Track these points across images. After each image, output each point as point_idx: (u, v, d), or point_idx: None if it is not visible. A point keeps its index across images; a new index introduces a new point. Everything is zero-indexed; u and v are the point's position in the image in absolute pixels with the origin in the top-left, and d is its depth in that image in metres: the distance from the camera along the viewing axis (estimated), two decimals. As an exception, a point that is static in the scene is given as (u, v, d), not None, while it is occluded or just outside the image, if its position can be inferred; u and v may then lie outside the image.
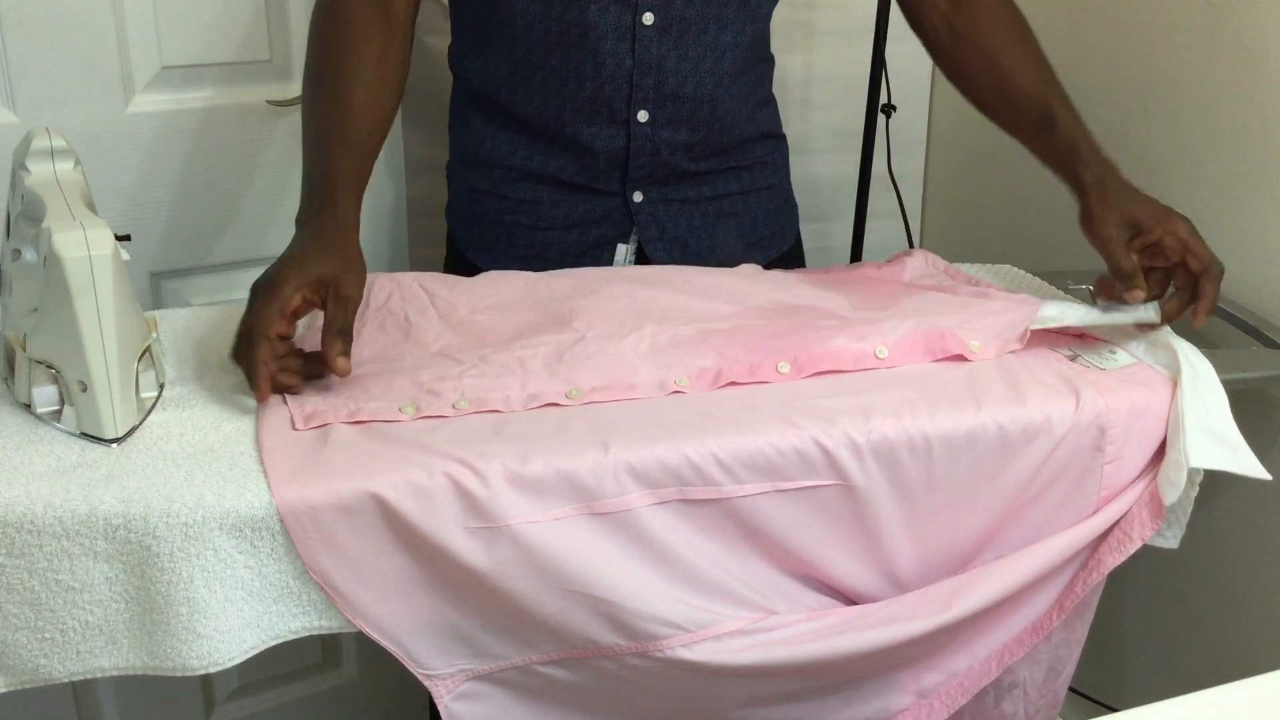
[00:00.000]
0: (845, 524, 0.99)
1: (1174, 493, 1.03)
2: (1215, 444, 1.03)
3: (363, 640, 0.91)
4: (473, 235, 1.36)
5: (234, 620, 0.88)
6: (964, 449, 1.00)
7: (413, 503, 0.87)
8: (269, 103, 1.51)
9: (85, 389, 0.89)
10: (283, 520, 0.86)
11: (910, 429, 0.98)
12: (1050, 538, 1.05)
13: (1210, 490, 1.03)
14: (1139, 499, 1.06)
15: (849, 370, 1.06)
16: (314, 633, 0.91)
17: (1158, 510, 1.04)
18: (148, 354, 0.95)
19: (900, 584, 1.04)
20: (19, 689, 0.88)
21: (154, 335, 0.97)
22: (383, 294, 1.15)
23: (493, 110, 1.30)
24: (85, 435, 0.90)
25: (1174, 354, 1.08)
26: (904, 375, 1.06)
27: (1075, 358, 1.11)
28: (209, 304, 1.16)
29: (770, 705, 1.05)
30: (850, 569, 1.01)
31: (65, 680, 0.88)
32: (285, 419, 0.94)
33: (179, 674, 0.88)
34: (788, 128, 1.43)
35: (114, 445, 0.90)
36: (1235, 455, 1.04)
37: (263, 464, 0.88)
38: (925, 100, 2.02)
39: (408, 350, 1.06)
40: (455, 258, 1.39)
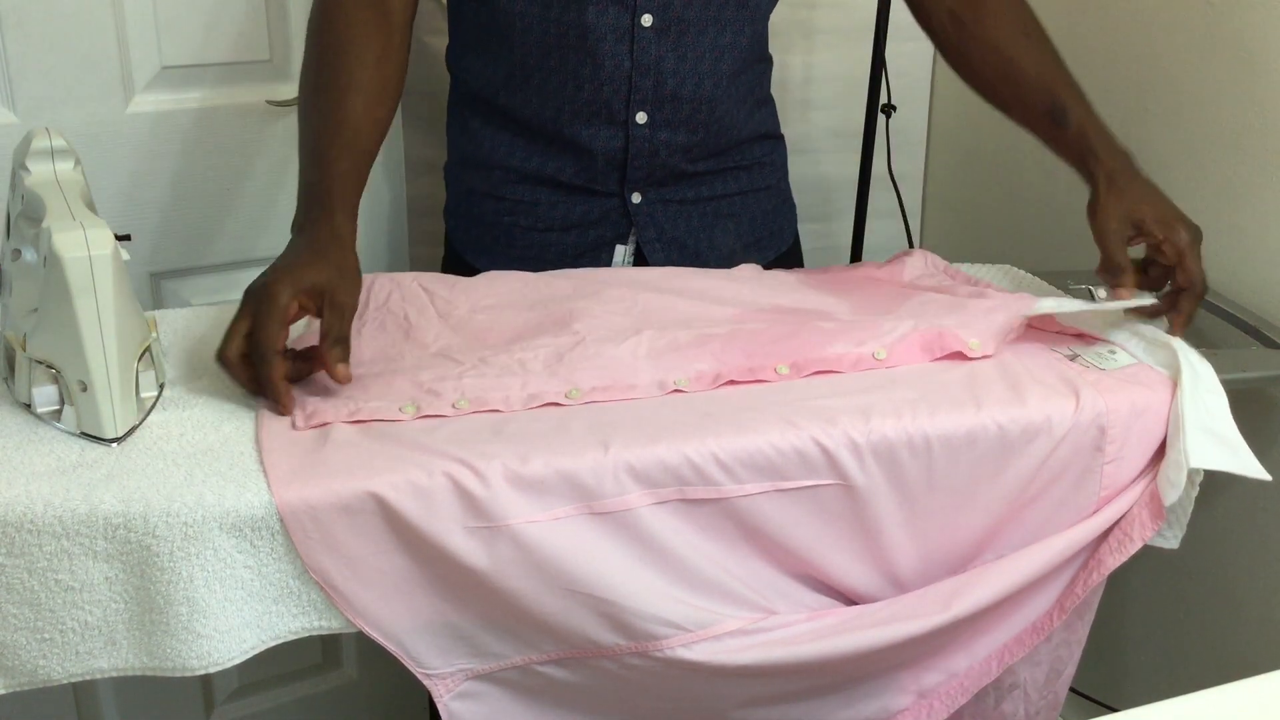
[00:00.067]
0: (845, 524, 0.99)
1: (1174, 493, 1.03)
2: (1215, 444, 1.03)
3: (363, 640, 0.91)
4: (471, 236, 1.36)
5: (234, 620, 0.88)
6: (964, 449, 1.00)
7: (413, 502, 0.87)
8: (269, 103, 1.51)
9: (85, 389, 0.89)
10: (283, 520, 0.86)
11: (910, 429, 0.98)
12: (1050, 538, 1.05)
13: (1210, 490, 1.03)
14: (1139, 499, 1.06)
15: (848, 371, 1.06)
16: (314, 633, 0.91)
17: (1158, 511, 1.04)
18: (148, 354, 0.95)
19: (900, 584, 1.04)
20: (19, 690, 0.87)
21: (154, 335, 0.97)
22: (382, 294, 1.15)
23: (491, 111, 1.29)
24: (85, 435, 0.90)
25: (1174, 354, 1.08)
26: (904, 375, 1.06)
27: (1075, 358, 1.11)
28: (209, 304, 1.16)
29: (770, 705, 1.05)
30: (850, 569, 1.01)
31: (65, 681, 0.88)
32: (285, 419, 0.94)
33: (179, 674, 0.88)
34: (787, 128, 1.43)
35: (114, 445, 0.90)
36: (1235, 455, 1.04)
37: (263, 464, 0.88)
38: (925, 100, 2.02)
39: (407, 350, 1.06)
40: (453, 258, 1.38)
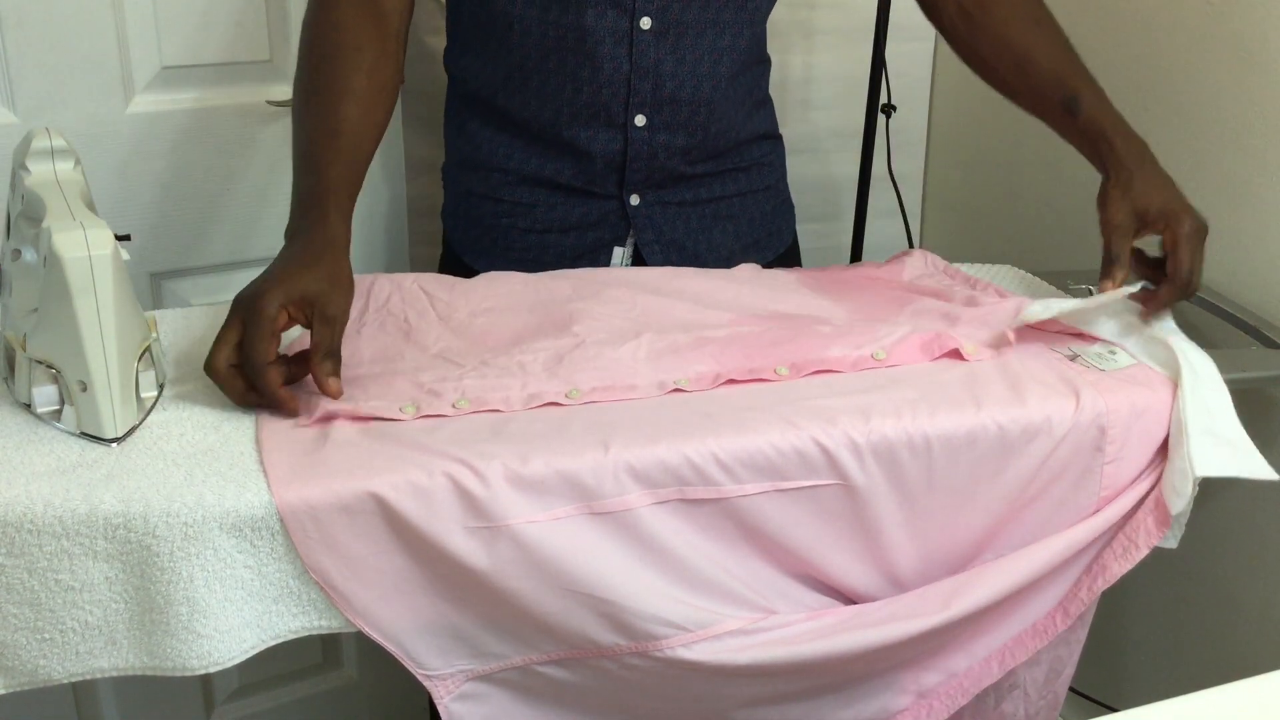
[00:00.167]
0: (845, 524, 0.99)
1: (1180, 502, 1.02)
2: (1219, 448, 1.03)
3: (363, 640, 0.91)
4: (469, 238, 1.36)
5: (234, 620, 0.88)
6: (964, 449, 1.00)
7: (413, 502, 0.87)
8: (269, 103, 1.51)
9: (85, 389, 0.89)
10: (282, 520, 0.86)
11: (910, 429, 0.98)
12: (1050, 538, 1.04)
13: (1210, 490, 1.03)
14: (1144, 506, 1.06)
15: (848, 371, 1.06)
16: (314, 633, 0.91)
17: (1164, 518, 1.04)
18: (148, 354, 0.95)
19: (900, 584, 1.04)
20: (19, 690, 0.87)
21: (154, 335, 0.97)
22: (382, 295, 1.15)
23: (489, 113, 1.29)
24: (85, 435, 0.90)
25: (1173, 353, 1.08)
26: (903, 375, 1.06)
27: (1075, 358, 1.11)
28: (209, 304, 1.16)
29: (770, 705, 1.05)
30: (850, 569, 1.01)
31: (65, 681, 0.88)
32: (285, 419, 0.94)
33: (179, 674, 0.88)
34: (787, 128, 1.43)
35: (114, 445, 0.90)
36: (1240, 459, 1.03)
37: (263, 464, 0.88)
38: (925, 100, 2.02)
39: (407, 351, 1.06)
40: (451, 260, 1.38)
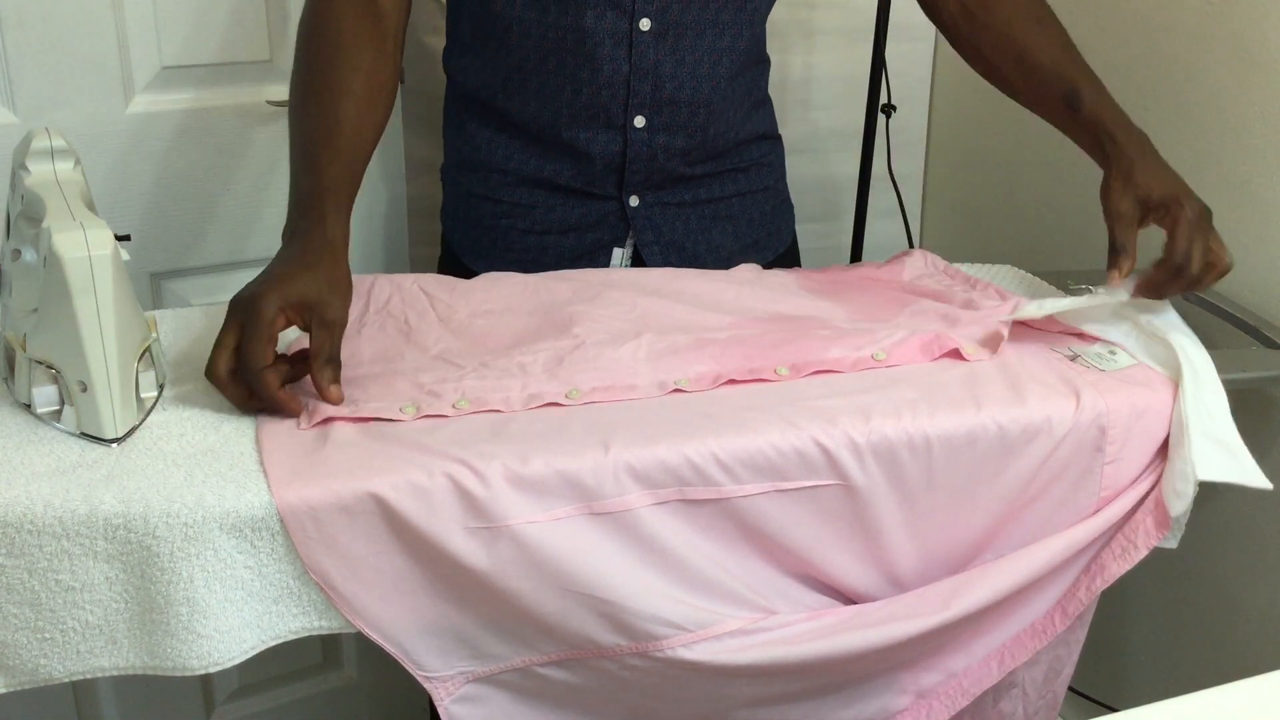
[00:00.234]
0: (845, 524, 0.99)
1: (1180, 504, 1.02)
2: (1220, 453, 1.03)
3: (363, 641, 0.91)
4: (468, 239, 1.35)
5: (234, 620, 0.88)
6: (964, 449, 1.00)
7: (413, 503, 0.87)
8: (269, 103, 1.51)
9: (85, 389, 0.89)
10: (283, 520, 0.86)
11: (910, 429, 0.98)
12: (1050, 538, 1.05)
13: (1210, 490, 1.03)
14: (1143, 507, 1.06)
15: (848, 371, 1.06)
16: (314, 633, 0.91)
17: (1163, 519, 1.04)
18: (148, 354, 0.95)
19: (900, 584, 1.04)
20: (19, 689, 0.87)
21: (154, 335, 0.97)
22: (382, 296, 1.15)
23: (488, 114, 1.29)
24: (85, 435, 0.90)
25: (1174, 353, 1.08)
26: (904, 375, 1.06)
27: (1075, 358, 1.11)
28: (209, 304, 1.15)
29: (770, 706, 1.05)
30: (850, 569, 1.01)
31: (65, 680, 0.88)
32: (286, 419, 0.94)
33: (179, 674, 0.88)
34: (787, 128, 1.43)
35: (114, 445, 0.90)
36: (1239, 465, 1.04)
37: (263, 464, 0.88)
38: (925, 100, 2.02)
39: (407, 352, 1.06)
40: (450, 260, 1.38)
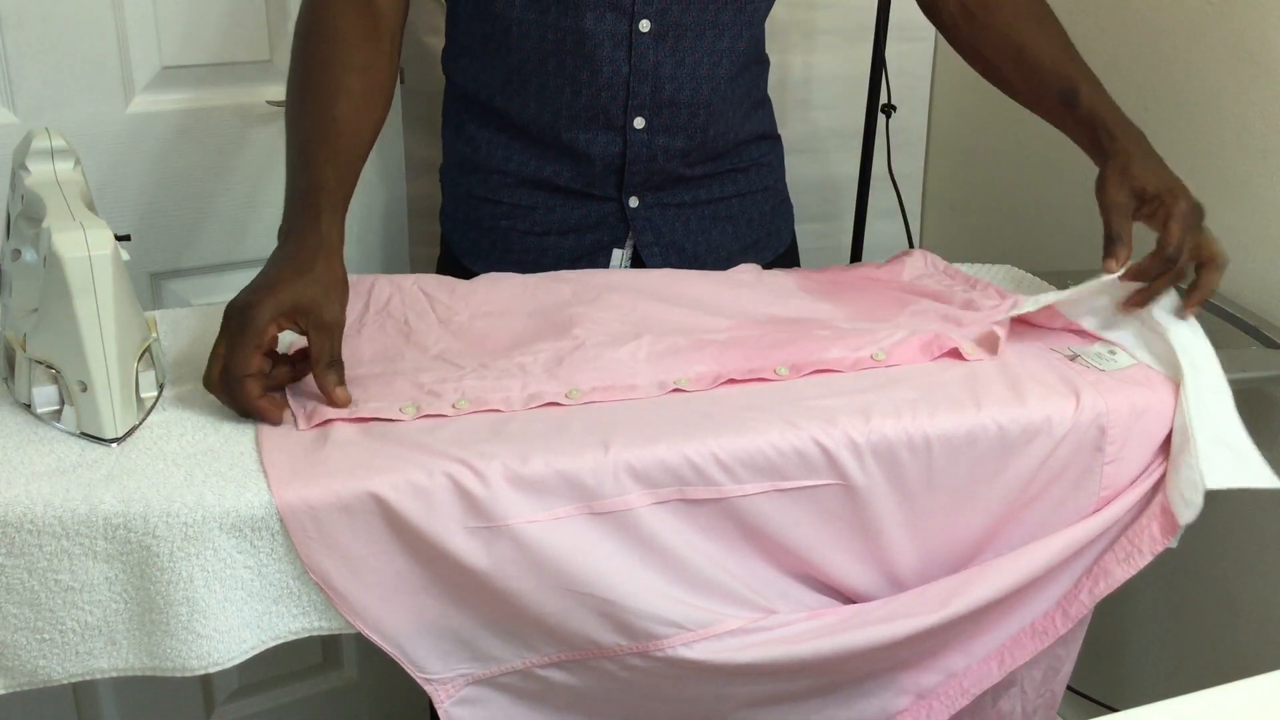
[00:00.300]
0: (845, 524, 0.99)
1: (1190, 512, 1.02)
2: (1227, 457, 1.03)
3: (363, 641, 0.91)
4: (467, 240, 1.35)
5: (234, 620, 0.88)
6: (964, 449, 1.00)
7: (413, 503, 0.87)
8: (269, 103, 1.51)
9: (85, 389, 0.89)
10: (282, 520, 0.86)
11: (910, 429, 0.98)
12: (1049, 537, 1.04)
13: (1210, 491, 1.03)
14: (1148, 512, 1.05)
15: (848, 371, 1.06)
16: (314, 633, 0.91)
17: (1169, 526, 1.04)
18: (148, 354, 0.95)
19: (900, 584, 1.04)
20: (19, 690, 0.87)
21: (154, 335, 0.97)
22: (382, 296, 1.15)
23: (487, 115, 1.29)
24: (85, 435, 0.90)
25: (1174, 353, 1.07)
26: (903, 375, 1.05)
27: (1075, 358, 1.11)
28: (209, 304, 1.15)
29: (770, 706, 1.05)
30: (850, 569, 1.01)
31: (65, 681, 0.88)
32: (286, 419, 0.94)
33: (179, 674, 0.88)
34: (787, 128, 1.43)
35: (114, 445, 0.90)
36: (1248, 469, 1.03)
37: (262, 464, 0.88)
38: (925, 100, 2.02)
39: (407, 352, 1.06)
40: (449, 261, 1.38)
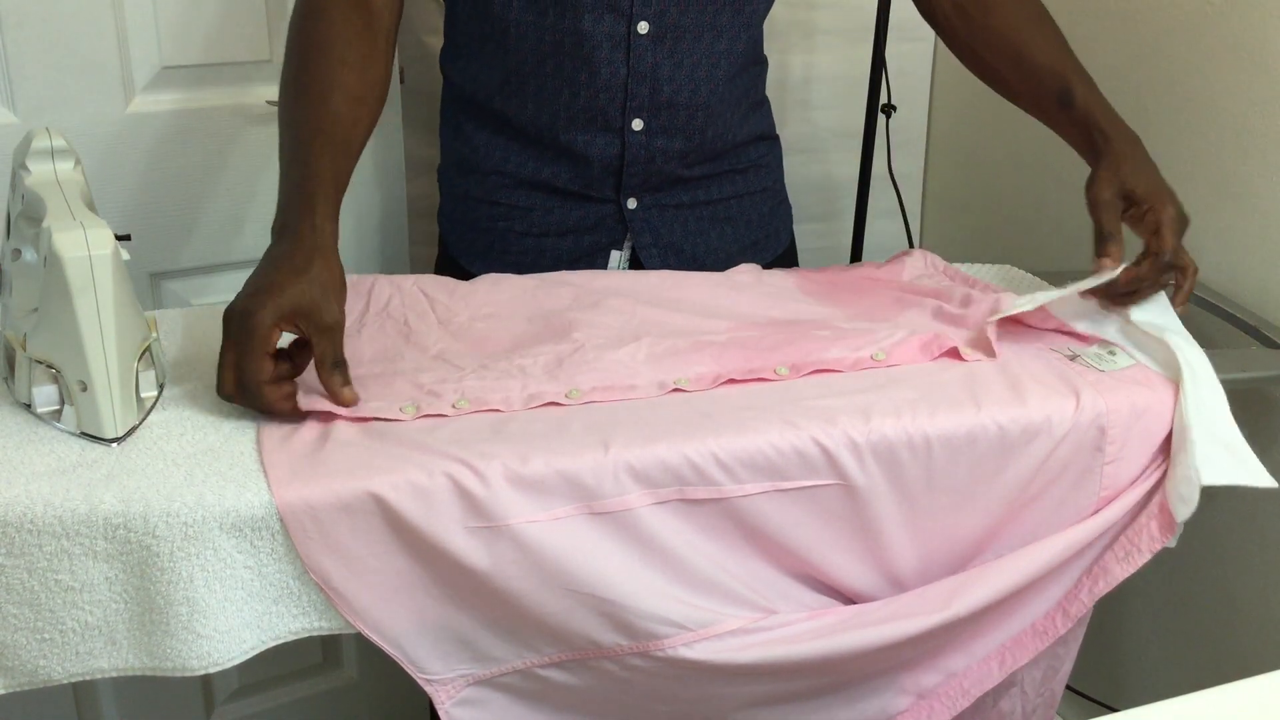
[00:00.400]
0: (845, 524, 0.99)
1: (1186, 510, 1.02)
2: (1223, 455, 1.03)
3: (363, 641, 0.91)
4: (465, 241, 1.35)
5: (234, 620, 0.88)
6: (964, 449, 1.00)
7: (413, 503, 0.87)
8: (269, 102, 1.50)
9: (85, 389, 0.89)
10: (283, 520, 0.86)
11: (910, 429, 0.98)
12: (1050, 538, 1.05)
13: (1210, 491, 1.03)
14: (1147, 511, 1.05)
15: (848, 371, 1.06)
16: (314, 634, 0.91)
17: (1168, 524, 1.04)
18: (148, 354, 0.95)
19: (900, 584, 1.04)
20: (18, 690, 0.87)
21: (154, 335, 0.97)
22: (382, 297, 1.15)
23: (485, 116, 1.29)
24: (85, 435, 0.90)
25: (1173, 354, 1.08)
26: (903, 375, 1.06)
27: (1075, 358, 1.11)
28: (209, 304, 1.16)
29: (770, 706, 1.05)
30: (850, 569, 1.01)
31: (65, 681, 0.88)
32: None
33: (179, 674, 0.88)
34: (787, 128, 1.43)
35: (114, 445, 0.90)
36: (1243, 466, 1.04)
37: (263, 463, 0.88)
38: (925, 100, 2.02)
39: (407, 353, 1.06)
40: (447, 262, 1.38)
